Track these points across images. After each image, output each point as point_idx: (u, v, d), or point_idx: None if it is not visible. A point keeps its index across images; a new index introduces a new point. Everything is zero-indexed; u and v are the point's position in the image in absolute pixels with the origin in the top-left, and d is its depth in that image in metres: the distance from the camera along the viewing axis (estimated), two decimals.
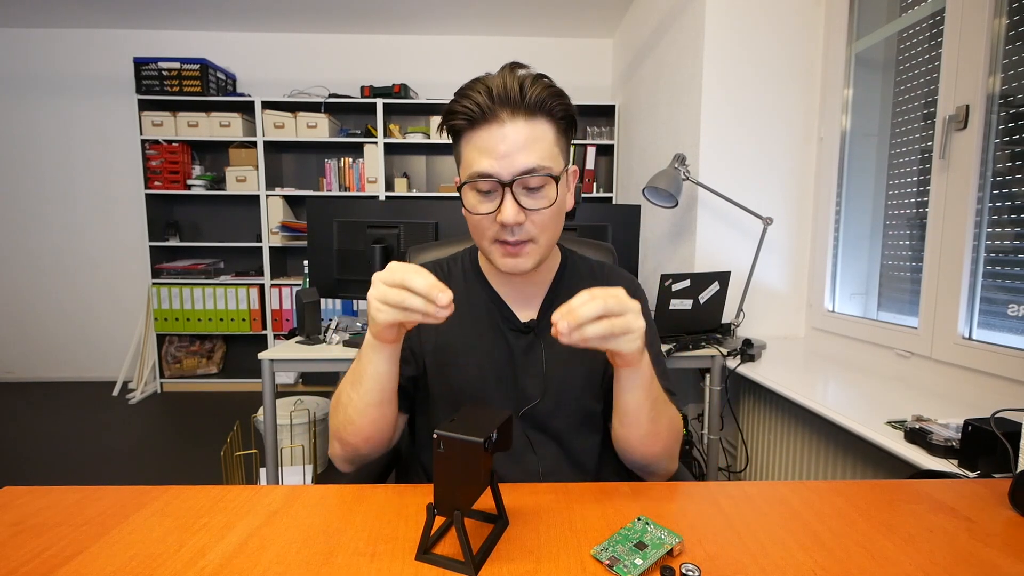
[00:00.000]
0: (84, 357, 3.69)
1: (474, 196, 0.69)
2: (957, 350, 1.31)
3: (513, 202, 0.66)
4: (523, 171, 0.65)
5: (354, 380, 0.67)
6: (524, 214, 0.67)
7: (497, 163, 0.65)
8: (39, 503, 0.56)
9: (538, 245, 0.70)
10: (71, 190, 3.56)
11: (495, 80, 0.65)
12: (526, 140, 0.65)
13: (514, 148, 0.65)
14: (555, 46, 3.56)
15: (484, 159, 0.65)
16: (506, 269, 0.71)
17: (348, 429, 0.68)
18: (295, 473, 2.04)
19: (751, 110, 1.99)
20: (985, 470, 0.83)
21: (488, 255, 0.72)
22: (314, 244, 1.83)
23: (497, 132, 0.65)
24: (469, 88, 0.66)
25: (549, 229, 0.70)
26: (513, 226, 0.67)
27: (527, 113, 0.65)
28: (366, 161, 3.33)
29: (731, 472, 1.90)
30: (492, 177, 0.65)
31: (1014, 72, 1.23)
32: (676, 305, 1.67)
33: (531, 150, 0.65)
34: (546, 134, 0.67)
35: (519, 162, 0.65)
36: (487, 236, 0.70)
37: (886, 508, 0.56)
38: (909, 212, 1.58)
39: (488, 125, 0.65)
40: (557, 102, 0.67)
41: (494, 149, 0.65)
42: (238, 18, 3.30)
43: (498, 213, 0.66)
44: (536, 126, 0.66)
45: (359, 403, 0.66)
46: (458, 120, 0.67)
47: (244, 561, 0.46)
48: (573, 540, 0.50)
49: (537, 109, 0.66)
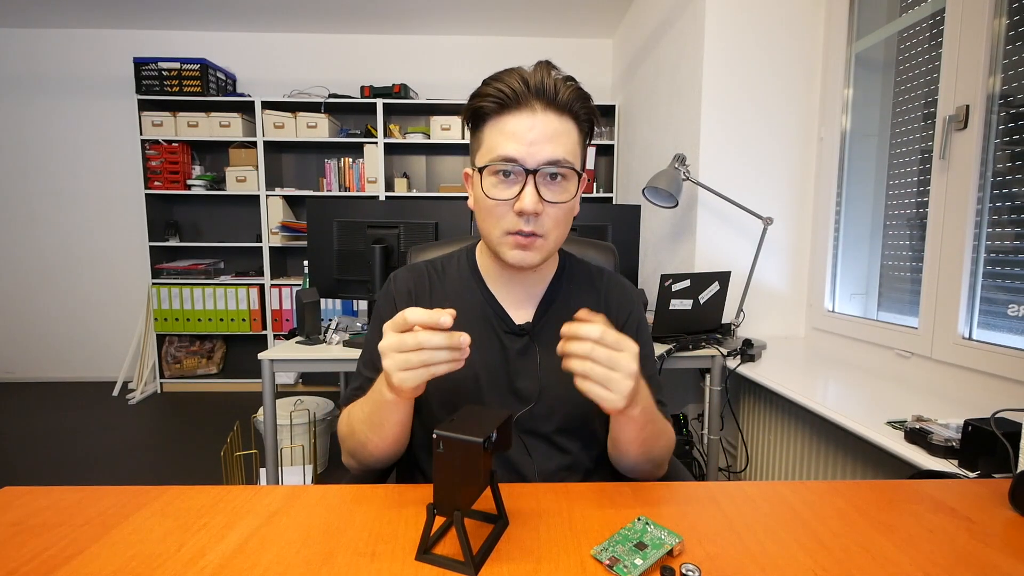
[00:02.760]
0: (84, 357, 3.69)
1: (493, 181, 0.68)
2: (957, 350, 1.31)
3: (534, 190, 0.65)
4: (548, 161, 0.65)
5: (372, 425, 0.66)
6: (543, 204, 0.66)
7: (525, 149, 0.65)
8: (39, 503, 0.56)
9: (547, 241, 0.70)
10: (71, 190, 3.56)
11: (532, 72, 0.66)
12: (555, 133, 0.66)
13: (543, 138, 0.65)
14: (555, 46, 3.56)
15: (511, 143, 0.65)
16: (514, 262, 0.70)
17: (364, 451, 0.69)
18: (295, 473, 2.04)
19: (751, 110, 1.99)
20: (985, 470, 0.83)
21: (497, 246, 0.71)
22: (314, 244, 1.82)
23: (527, 119, 0.65)
24: (504, 74, 0.67)
25: (560, 226, 0.71)
26: (531, 215, 0.66)
27: (558, 109, 0.66)
28: (366, 161, 3.33)
29: (731, 472, 1.90)
30: (516, 162, 0.65)
31: (1014, 72, 1.23)
32: (676, 305, 1.67)
33: (558, 143, 0.66)
34: (571, 133, 0.68)
35: (546, 151, 0.65)
36: (500, 225, 0.69)
37: (886, 508, 0.56)
38: (909, 212, 1.58)
39: (519, 112, 0.66)
40: (584, 106, 0.68)
41: (523, 135, 0.65)
42: (238, 18, 3.30)
43: (517, 200, 0.66)
44: (564, 123, 0.67)
45: (379, 441, 0.67)
46: (488, 102, 0.67)
47: (244, 561, 0.46)
48: (573, 540, 0.50)
49: (567, 108, 0.67)
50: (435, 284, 0.81)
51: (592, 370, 0.55)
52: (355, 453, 0.71)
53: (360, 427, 0.68)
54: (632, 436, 0.65)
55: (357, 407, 0.70)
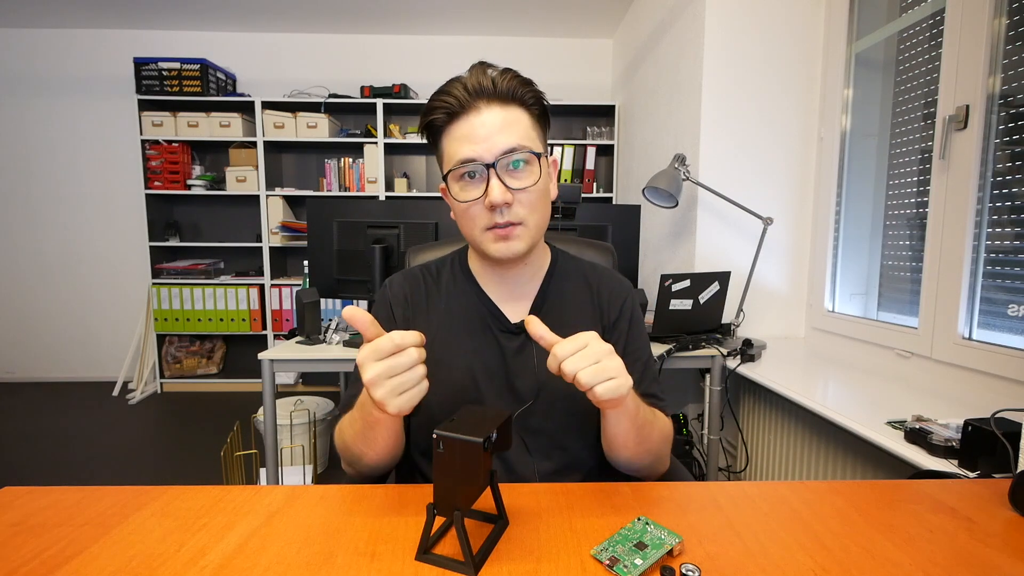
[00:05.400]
0: (84, 357, 3.69)
1: (459, 185, 0.70)
2: (957, 350, 1.31)
3: (499, 182, 0.67)
4: (504, 151, 0.67)
5: (365, 441, 0.67)
6: (511, 194, 0.68)
7: (479, 147, 0.67)
8: (39, 503, 0.56)
9: (527, 227, 0.71)
10: (71, 190, 3.56)
11: (468, 76, 0.69)
12: (503, 123, 0.68)
13: (493, 131, 0.67)
14: (555, 46, 3.56)
15: (466, 146, 0.68)
16: (499, 255, 0.71)
17: (361, 463, 0.70)
18: (295, 473, 2.04)
19: (751, 110, 1.99)
20: (985, 470, 0.83)
21: (480, 245, 0.72)
22: (314, 244, 1.82)
23: (475, 119, 0.68)
24: (445, 87, 0.70)
25: (537, 210, 0.72)
26: (502, 206, 0.68)
27: (501, 101, 0.69)
28: (366, 161, 3.33)
29: (731, 472, 1.90)
30: (475, 160, 0.67)
31: (1014, 72, 1.23)
32: (676, 305, 1.67)
33: (509, 132, 0.68)
34: (521, 119, 0.70)
35: (499, 143, 0.67)
36: (478, 225, 0.71)
37: (886, 508, 0.56)
38: (909, 212, 1.58)
39: (466, 115, 0.68)
40: (527, 90, 0.70)
41: (474, 135, 0.67)
42: (238, 18, 3.30)
43: (485, 196, 0.68)
44: (511, 111, 0.69)
45: (373, 455, 0.68)
46: (438, 115, 0.70)
47: (244, 561, 0.46)
48: (573, 540, 0.50)
49: (510, 97, 0.69)
50: (431, 289, 0.82)
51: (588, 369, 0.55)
52: (352, 464, 0.72)
53: (353, 442, 0.68)
54: (626, 428, 0.65)
55: (347, 423, 0.70)
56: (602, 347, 0.56)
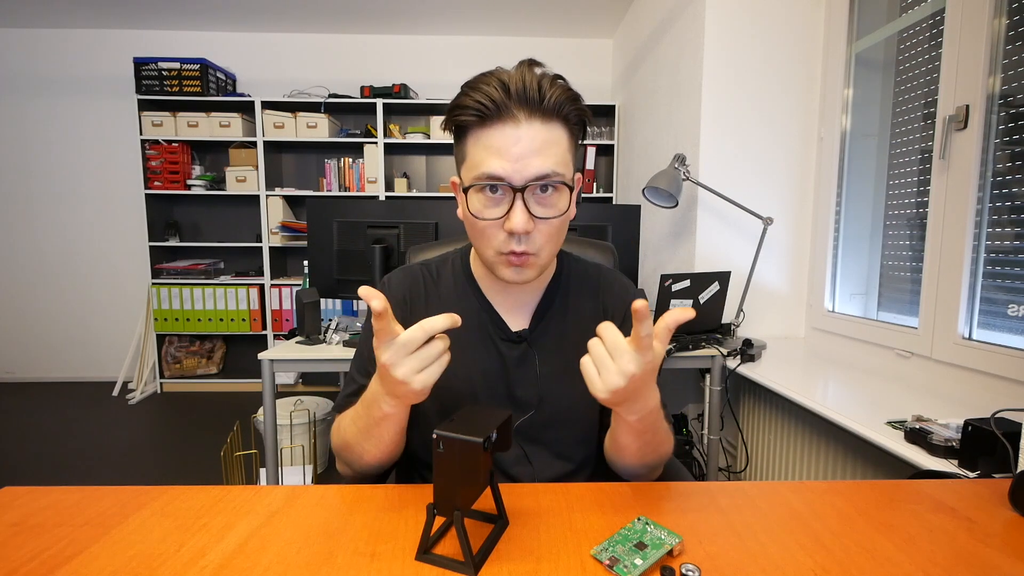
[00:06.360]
0: (84, 357, 3.69)
1: (479, 198, 0.64)
2: (957, 350, 1.31)
3: (524, 209, 0.61)
4: (537, 177, 0.61)
5: (370, 438, 0.64)
6: (533, 222, 0.63)
7: (510, 166, 0.60)
8: (39, 503, 0.56)
9: (539, 258, 0.67)
10: (71, 190, 3.56)
11: (512, 76, 0.60)
12: (542, 144, 0.61)
13: (529, 151, 0.60)
14: (555, 46, 3.56)
15: (495, 160, 0.60)
16: (510, 279, 0.68)
17: (361, 462, 0.68)
18: (295, 473, 2.04)
19: (751, 110, 1.99)
20: (985, 470, 0.83)
21: (491, 265, 0.69)
22: (314, 244, 1.82)
23: (512, 132, 0.60)
24: (482, 81, 0.61)
25: (554, 240, 0.67)
26: (521, 235, 0.63)
27: (544, 116, 0.61)
28: (366, 161, 3.33)
29: (731, 472, 1.90)
30: (503, 181, 0.61)
31: (1014, 72, 1.23)
32: (676, 305, 1.67)
33: (547, 155, 0.61)
34: (561, 139, 0.63)
35: (533, 167, 0.60)
36: (492, 245, 0.66)
37: (886, 508, 0.56)
38: (909, 212, 1.58)
39: (502, 123, 0.60)
40: (574, 107, 0.63)
41: (507, 151, 0.60)
42: (238, 18, 3.30)
43: (506, 220, 0.62)
44: (552, 130, 0.62)
45: (376, 452, 0.66)
46: (468, 115, 0.61)
47: (244, 561, 0.46)
48: (573, 540, 0.50)
49: (555, 113, 0.62)
50: (430, 289, 0.79)
51: (594, 347, 0.53)
52: (351, 464, 0.69)
53: (355, 440, 0.66)
54: (627, 441, 0.63)
55: (348, 420, 0.67)
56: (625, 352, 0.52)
